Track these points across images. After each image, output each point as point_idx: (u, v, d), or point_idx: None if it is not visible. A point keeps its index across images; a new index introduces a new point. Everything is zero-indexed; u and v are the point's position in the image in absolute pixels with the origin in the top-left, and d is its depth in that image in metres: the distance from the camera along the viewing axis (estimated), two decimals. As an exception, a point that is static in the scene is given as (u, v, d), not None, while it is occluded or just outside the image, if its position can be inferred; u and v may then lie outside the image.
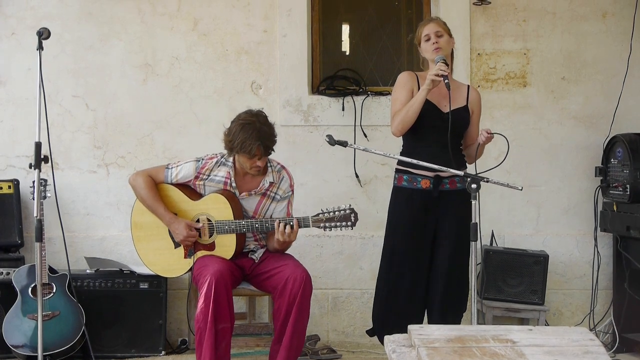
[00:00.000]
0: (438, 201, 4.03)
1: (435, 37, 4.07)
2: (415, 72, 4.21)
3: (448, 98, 3.99)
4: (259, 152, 4.00)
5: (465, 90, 4.19)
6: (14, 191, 4.97)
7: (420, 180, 4.05)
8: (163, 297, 4.79)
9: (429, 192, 4.03)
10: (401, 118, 4.02)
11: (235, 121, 4.07)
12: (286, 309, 3.97)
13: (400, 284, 4.10)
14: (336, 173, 5.21)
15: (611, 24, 5.23)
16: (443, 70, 3.89)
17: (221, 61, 5.22)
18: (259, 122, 4.03)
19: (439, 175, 3.99)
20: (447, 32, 4.11)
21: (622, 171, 4.89)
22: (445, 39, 4.09)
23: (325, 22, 5.44)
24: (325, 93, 5.26)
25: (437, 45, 4.05)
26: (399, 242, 4.11)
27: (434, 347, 2.23)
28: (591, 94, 5.24)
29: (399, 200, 4.15)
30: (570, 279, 5.24)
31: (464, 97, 4.15)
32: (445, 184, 4.04)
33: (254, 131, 3.97)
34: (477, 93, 4.24)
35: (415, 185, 4.06)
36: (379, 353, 4.79)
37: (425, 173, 4.01)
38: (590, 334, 2.37)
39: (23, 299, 4.53)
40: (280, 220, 4.02)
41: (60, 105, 5.17)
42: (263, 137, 3.99)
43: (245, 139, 3.97)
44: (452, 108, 4.05)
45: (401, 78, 4.18)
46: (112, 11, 5.19)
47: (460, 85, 4.20)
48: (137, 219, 4.27)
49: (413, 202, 4.08)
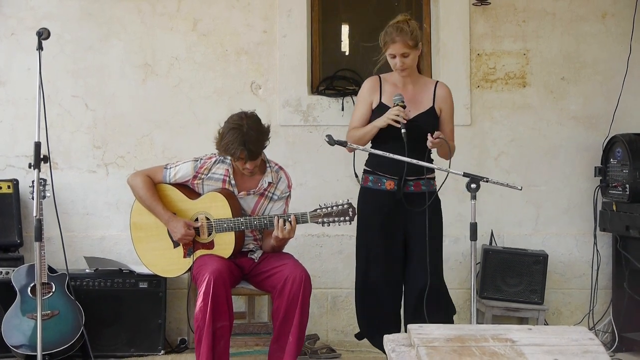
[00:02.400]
0: (403, 202, 3.99)
1: (401, 58, 3.96)
2: (380, 75, 4.13)
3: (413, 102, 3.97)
4: (242, 156, 3.98)
5: (432, 89, 4.10)
6: (13, 191, 4.97)
7: (385, 182, 4.05)
8: (162, 297, 4.79)
9: (393, 193, 4.02)
10: (356, 139, 4.02)
11: (226, 122, 4.06)
12: (285, 308, 3.97)
13: (376, 284, 4.10)
14: (335, 173, 5.21)
15: (611, 24, 5.24)
16: (400, 117, 3.84)
17: (221, 61, 5.22)
18: (247, 125, 3.98)
19: (403, 177, 3.96)
20: (414, 47, 3.94)
21: (621, 171, 4.89)
22: (412, 56, 3.96)
23: (325, 22, 5.44)
24: (325, 93, 5.26)
25: (402, 67, 3.96)
26: (371, 243, 4.11)
27: (434, 347, 2.23)
28: (591, 94, 5.25)
29: (366, 201, 4.13)
30: (569, 279, 5.24)
31: (429, 97, 4.08)
32: (410, 186, 4.03)
33: (239, 135, 3.95)
34: (445, 88, 4.12)
35: (379, 186, 4.06)
36: (378, 352, 4.78)
37: (390, 174, 4.01)
38: (590, 333, 2.37)
39: (22, 298, 4.53)
40: (279, 217, 4.02)
41: (59, 105, 5.17)
42: (248, 142, 3.95)
43: (229, 142, 3.96)
44: (414, 115, 4.00)
45: (362, 89, 4.14)
46: (111, 11, 5.19)
47: (425, 86, 4.11)
48: (136, 220, 4.27)
49: (378, 203, 4.07)
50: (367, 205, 4.12)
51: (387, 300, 4.14)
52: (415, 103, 4.04)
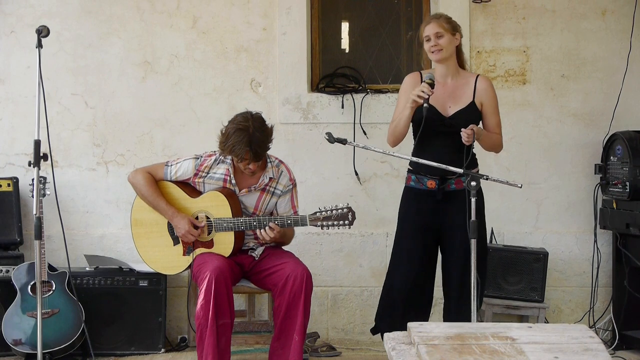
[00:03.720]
0: (446, 201, 4.01)
1: (435, 38, 3.98)
2: (420, 71, 4.17)
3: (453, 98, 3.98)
4: (247, 157, 4.00)
5: (472, 83, 4.07)
6: (13, 189, 4.97)
7: (426, 181, 4.04)
8: (163, 295, 4.79)
9: (435, 192, 4.02)
10: (391, 131, 4.05)
11: (231, 123, 4.07)
12: (287, 306, 3.98)
13: (406, 283, 4.08)
14: (336, 171, 5.21)
15: (611, 21, 5.23)
16: (424, 93, 3.82)
17: (220, 59, 5.22)
18: (253, 127, 4.00)
19: (445, 176, 3.98)
20: (449, 30, 3.99)
21: (621, 168, 4.89)
22: (447, 38, 3.98)
23: (325, 20, 5.43)
24: (325, 91, 5.25)
25: (436, 48, 3.99)
26: (407, 242, 4.10)
27: (434, 345, 2.23)
28: (591, 91, 5.24)
29: (407, 200, 4.14)
30: (569, 277, 5.24)
31: (470, 92, 4.06)
32: (452, 183, 4.02)
33: (245, 136, 3.97)
34: (486, 82, 4.11)
35: (421, 185, 4.05)
36: (379, 350, 4.80)
37: (431, 174, 3.99)
38: (590, 331, 2.37)
39: (22, 296, 4.53)
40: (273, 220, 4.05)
41: (59, 103, 5.17)
42: (254, 144, 3.98)
43: (235, 143, 3.97)
44: (455, 111, 4.01)
45: (404, 82, 4.14)
46: (111, 9, 5.18)
47: (465, 80, 4.09)
48: (137, 216, 4.28)
49: (419, 202, 4.07)
50: (409, 205, 4.12)
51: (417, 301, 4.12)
52: (454, 98, 4.03)
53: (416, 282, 4.08)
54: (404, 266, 4.08)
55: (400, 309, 4.08)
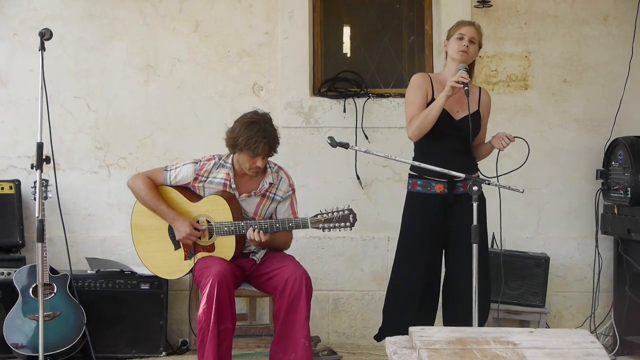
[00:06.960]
0: (453, 205, 4.03)
1: (469, 41, 4.07)
2: (427, 73, 4.20)
3: (460, 104, 4.02)
4: (263, 151, 4.00)
5: (477, 94, 4.19)
6: (15, 191, 4.98)
7: (434, 185, 4.04)
8: (164, 298, 4.80)
9: (444, 196, 4.03)
10: (418, 124, 4.01)
11: (240, 120, 4.08)
12: (286, 310, 3.97)
13: (411, 289, 4.08)
14: (337, 175, 5.21)
15: (613, 27, 5.23)
16: (464, 78, 3.90)
17: (223, 63, 5.23)
18: (264, 121, 4.05)
19: (452, 179, 3.98)
20: (479, 42, 4.13)
21: (623, 174, 4.89)
22: (476, 47, 4.12)
23: (327, 24, 5.44)
24: (327, 95, 5.26)
25: (465, 49, 4.06)
26: (413, 247, 4.10)
27: (435, 349, 2.23)
28: (592, 97, 5.24)
29: (414, 205, 4.14)
30: (571, 282, 5.23)
31: (476, 101, 4.15)
32: (459, 187, 4.04)
33: (260, 129, 3.99)
34: (488, 96, 4.26)
35: (429, 190, 4.06)
36: (379, 355, 4.79)
37: (438, 177, 4.00)
38: (591, 336, 2.37)
39: (24, 299, 4.54)
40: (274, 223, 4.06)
41: (61, 106, 5.17)
42: (269, 137, 4.01)
43: (251, 136, 3.97)
44: (463, 116, 4.06)
45: (415, 80, 4.16)
46: (114, 13, 5.19)
47: (472, 90, 4.14)
48: (137, 221, 4.27)
49: (428, 206, 4.07)
50: (416, 210, 4.13)
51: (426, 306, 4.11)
52: (461, 104, 4.07)
53: (425, 287, 4.08)
54: (412, 271, 4.08)
55: (410, 314, 4.06)
